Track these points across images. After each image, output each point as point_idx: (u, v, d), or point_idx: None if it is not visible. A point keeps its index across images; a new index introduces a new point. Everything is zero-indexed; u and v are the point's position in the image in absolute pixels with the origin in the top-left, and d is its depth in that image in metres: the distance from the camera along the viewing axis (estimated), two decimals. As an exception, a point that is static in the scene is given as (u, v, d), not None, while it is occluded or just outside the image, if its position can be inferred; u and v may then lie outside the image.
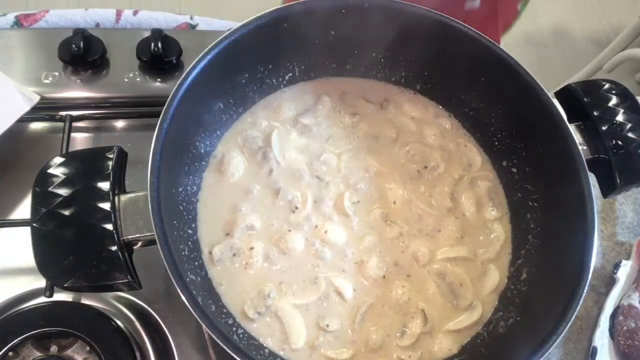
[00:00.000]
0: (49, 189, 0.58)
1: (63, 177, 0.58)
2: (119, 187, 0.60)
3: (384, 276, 0.68)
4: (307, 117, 0.75)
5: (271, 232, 0.69)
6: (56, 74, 0.80)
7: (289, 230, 0.68)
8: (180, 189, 0.67)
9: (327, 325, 0.65)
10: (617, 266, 0.80)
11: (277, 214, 0.70)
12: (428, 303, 0.68)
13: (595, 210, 0.63)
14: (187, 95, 0.63)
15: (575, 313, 0.59)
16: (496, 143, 0.76)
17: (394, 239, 0.70)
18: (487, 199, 0.74)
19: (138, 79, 0.81)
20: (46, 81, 0.80)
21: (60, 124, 0.76)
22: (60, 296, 0.67)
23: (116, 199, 0.58)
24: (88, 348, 0.64)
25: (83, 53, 0.79)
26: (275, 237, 0.68)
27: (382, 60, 0.78)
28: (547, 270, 0.67)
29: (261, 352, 0.63)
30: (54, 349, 0.64)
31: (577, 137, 0.67)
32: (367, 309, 0.66)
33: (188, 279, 0.60)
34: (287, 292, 0.66)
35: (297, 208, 0.70)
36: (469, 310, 0.68)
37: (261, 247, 0.67)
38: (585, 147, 0.68)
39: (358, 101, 0.79)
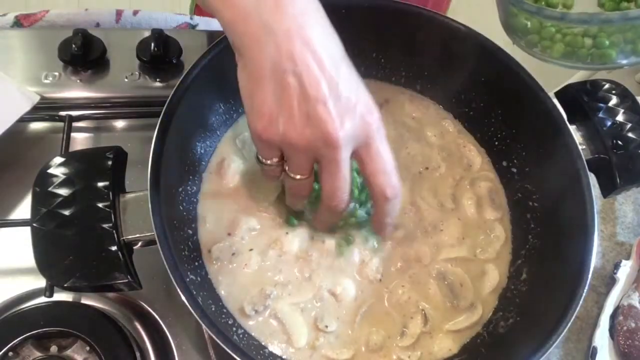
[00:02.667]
0: (49, 189, 0.58)
1: (63, 177, 0.58)
2: (119, 187, 0.60)
3: (384, 277, 0.68)
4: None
5: (271, 234, 0.68)
6: (56, 74, 0.80)
7: (287, 233, 0.68)
8: (180, 189, 0.67)
9: (326, 326, 0.65)
10: (617, 266, 0.80)
11: (278, 215, 0.69)
12: (428, 303, 0.68)
13: (595, 210, 0.63)
14: (187, 95, 0.63)
15: (575, 313, 0.59)
16: (496, 143, 0.76)
17: (395, 240, 0.70)
18: (488, 199, 0.74)
19: (138, 79, 0.81)
20: (46, 81, 0.80)
21: (60, 124, 0.76)
22: (60, 296, 0.67)
23: (116, 199, 0.58)
24: (88, 348, 0.64)
25: (83, 53, 0.79)
26: (275, 238, 0.68)
27: (382, 60, 0.78)
28: (547, 270, 0.67)
29: (261, 352, 0.63)
30: (54, 349, 0.64)
31: (577, 137, 0.67)
32: (367, 309, 0.66)
33: (188, 279, 0.60)
34: (283, 293, 0.66)
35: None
36: (469, 310, 0.68)
37: (261, 248, 0.67)
38: (585, 147, 0.68)
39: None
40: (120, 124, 0.81)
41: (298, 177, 0.56)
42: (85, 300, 0.69)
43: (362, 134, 0.53)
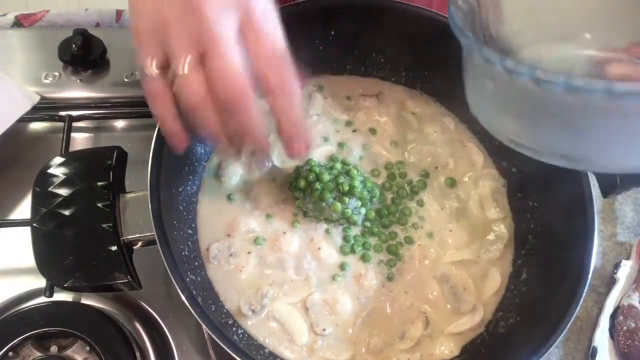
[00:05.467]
0: (49, 189, 0.58)
1: (63, 177, 0.58)
2: (119, 187, 0.60)
3: (387, 282, 0.68)
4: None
5: (270, 235, 0.68)
6: (56, 74, 0.80)
7: (284, 233, 0.68)
8: (180, 189, 0.67)
9: (324, 330, 0.64)
10: (617, 266, 0.80)
11: (276, 217, 0.69)
12: (431, 307, 0.67)
13: (595, 210, 0.63)
14: (187, 95, 0.62)
15: (575, 313, 0.59)
16: (496, 143, 0.76)
17: (399, 243, 0.70)
18: (491, 200, 0.74)
19: (138, 79, 0.81)
20: (46, 81, 0.80)
21: (60, 124, 0.76)
22: (60, 296, 0.67)
23: (116, 199, 0.58)
24: (88, 348, 0.64)
25: (83, 53, 0.79)
26: (273, 239, 0.68)
27: (382, 60, 0.78)
28: (547, 270, 0.67)
29: (261, 352, 0.63)
30: (54, 349, 0.64)
31: (577, 137, 0.67)
32: (368, 313, 0.66)
33: (188, 279, 0.60)
34: (279, 293, 0.65)
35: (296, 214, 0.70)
36: (471, 313, 0.67)
37: (258, 250, 0.67)
38: (585, 147, 0.68)
39: (356, 98, 0.78)
40: (120, 124, 0.81)
41: (182, 65, 0.46)
42: (85, 300, 0.69)
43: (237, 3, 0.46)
